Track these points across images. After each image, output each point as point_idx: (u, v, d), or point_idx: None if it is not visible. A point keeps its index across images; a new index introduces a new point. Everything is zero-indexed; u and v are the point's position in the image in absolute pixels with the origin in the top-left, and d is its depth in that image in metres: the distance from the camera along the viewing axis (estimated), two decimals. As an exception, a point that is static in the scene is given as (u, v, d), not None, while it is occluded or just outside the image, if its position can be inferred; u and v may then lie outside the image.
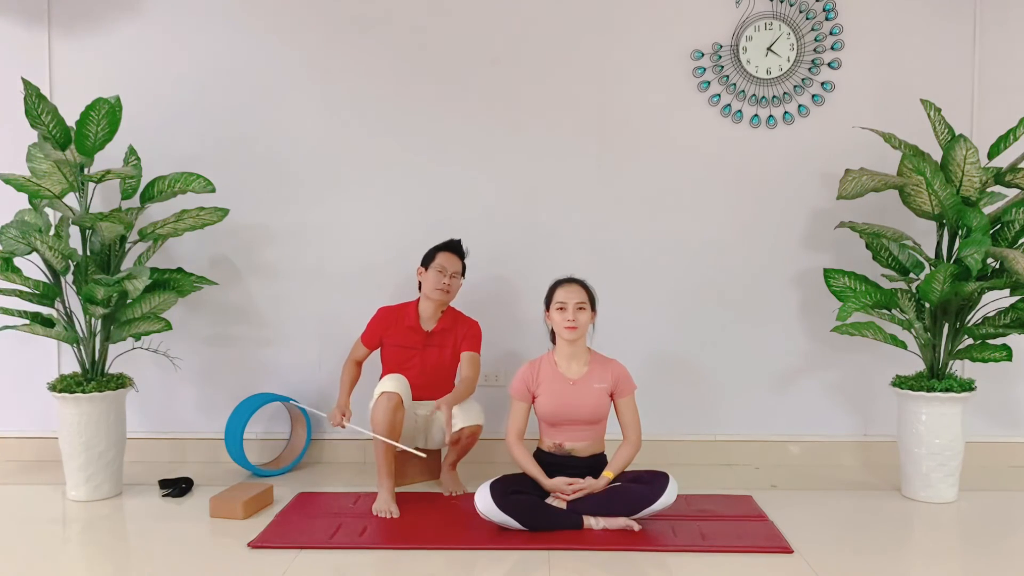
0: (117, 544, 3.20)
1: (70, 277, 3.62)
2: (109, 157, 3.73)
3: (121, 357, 3.86)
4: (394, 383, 3.49)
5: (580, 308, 3.28)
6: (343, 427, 3.59)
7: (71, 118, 3.47)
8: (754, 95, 4.00)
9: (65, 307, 3.62)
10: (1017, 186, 3.49)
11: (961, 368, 3.94)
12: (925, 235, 3.75)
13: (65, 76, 4.01)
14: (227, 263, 4.10)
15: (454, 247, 3.71)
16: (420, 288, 3.71)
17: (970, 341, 3.63)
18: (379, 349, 3.75)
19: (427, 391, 3.65)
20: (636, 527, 3.11)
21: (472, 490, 3.27)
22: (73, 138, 3.46)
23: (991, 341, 3.57)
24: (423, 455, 3.58)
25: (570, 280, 3.36)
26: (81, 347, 3.61)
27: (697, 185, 4.04)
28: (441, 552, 2.99)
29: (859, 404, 4.09)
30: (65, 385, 3.54)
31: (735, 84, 4.00)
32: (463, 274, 3.73)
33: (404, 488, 3.61)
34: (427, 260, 3.69)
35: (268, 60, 4.03)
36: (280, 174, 4.06)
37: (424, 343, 3.67)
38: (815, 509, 3.45)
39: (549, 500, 3.22)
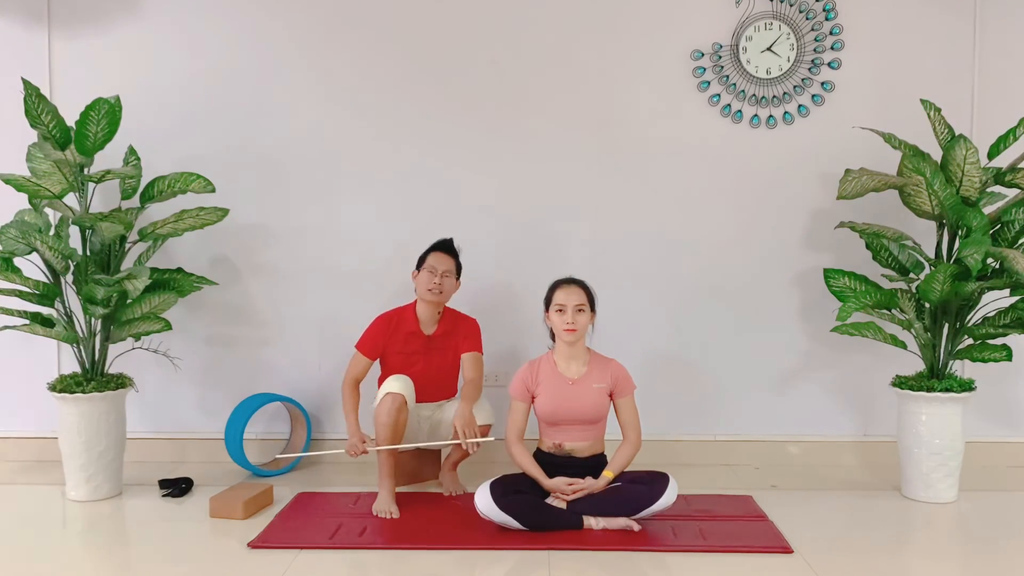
0: (117, 544, 3.20)
1: (70, 277, 3.62)
2: (109, 157, 3.73)
3: (121, 357, 3.86)
4: (398, 384, 3.46)
5: (579, 310, 3.28)
6: (367, 453, 3.42)
7: (71, 118, 3.47)
8: (754, 95, 4.00)
9: (65, 307, 3.62)
10: (1017, 186, 3.49)
11: (961, 368, 3.93)
12: (925, 235, 3.74)
13: (65, 76, 4.01)
14: (227, 263, 4.10)
15: (445, 246, 3.65)
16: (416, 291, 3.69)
17: (970, 341, 3.63)
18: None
19: (431, 394, 3.65)
20: (636, 527, 3.11)
21: (472, 490, 3.28)
22: (73, 138, 3.46)
23: (991, 341, 3.57)
24: (435, 443, 3.54)
25: (569, 281, 3.35)
26: (81, 347, 3.61)
27: (697, 185, 4.04)
28: (441, 552, 2.99)
29: (859, 404, 4.09)
30: (65, 385, 3.54)
31: (735, 84, 4.00)
32: (458, 275, 3.66)
33: (404, 488, 3.61)
34: (419, 262, 3.64)
35: (269, 60, 4.03)
36: (280, 174, 4.06)
37: (426, 347, 3.64)
38: (815, 509, 3.45)
39: (549, 500, 3.22)
